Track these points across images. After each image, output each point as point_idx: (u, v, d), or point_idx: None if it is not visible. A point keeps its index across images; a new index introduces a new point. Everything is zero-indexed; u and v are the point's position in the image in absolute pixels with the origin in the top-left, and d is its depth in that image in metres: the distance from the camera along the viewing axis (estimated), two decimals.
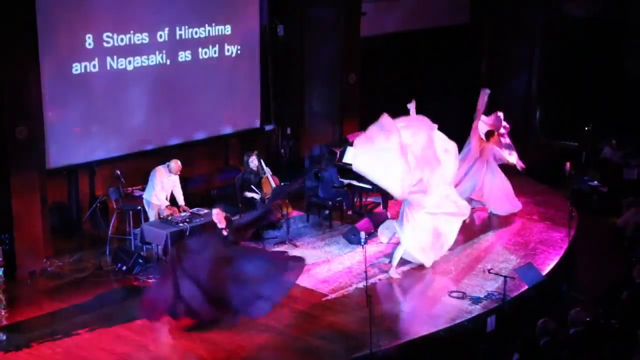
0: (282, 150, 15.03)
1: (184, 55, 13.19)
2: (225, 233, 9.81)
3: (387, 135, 10.55)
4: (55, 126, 11.70)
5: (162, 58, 12.88)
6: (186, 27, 13.12)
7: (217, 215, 9.85)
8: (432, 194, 10.87)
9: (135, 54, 12.53)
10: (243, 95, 14.26)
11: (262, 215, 10.40)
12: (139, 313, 9.69)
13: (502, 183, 13.04)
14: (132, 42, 12.45)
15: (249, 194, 12.16)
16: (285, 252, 10.97)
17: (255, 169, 12.32)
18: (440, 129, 14.13)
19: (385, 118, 10.68)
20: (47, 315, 9.99)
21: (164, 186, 11.52)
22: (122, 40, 12.31)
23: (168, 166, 11.57)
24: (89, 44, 11.93)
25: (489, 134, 13.03)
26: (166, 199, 11.58)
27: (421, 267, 11.20)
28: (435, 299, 10.44)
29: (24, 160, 10.73)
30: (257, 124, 14.63)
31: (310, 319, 9.88)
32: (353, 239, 11.85)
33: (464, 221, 11.58)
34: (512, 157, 13.09)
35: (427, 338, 9.49)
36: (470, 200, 12.65)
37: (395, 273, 10.98)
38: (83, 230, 12.37)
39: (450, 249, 11.72)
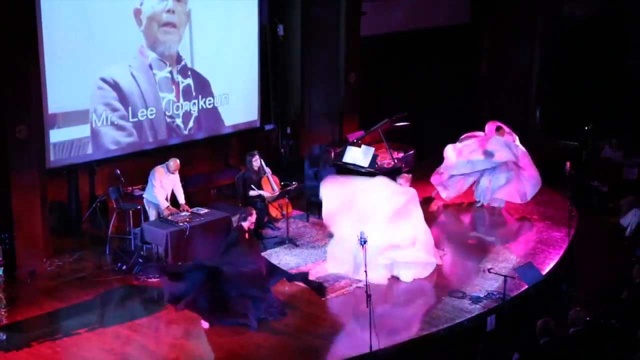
0: (282, 150, 15.04)
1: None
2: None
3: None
4: (56, 125, 11.71)
5: None
6: None
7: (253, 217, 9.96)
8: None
9: (136, 55, 12.55)
10: (243, 95, 14.26)
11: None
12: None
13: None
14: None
15: (254, 193, 12.14)
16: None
17: (257, 169, 12.33)
18: (439, 128, 14.23)
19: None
20: (47, 314, 9.99)
21: (163, 186, 11.52)
22: None
23: (167, 165, 11.57)
24: (89, 44, 11.94)
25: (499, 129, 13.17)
26: (166, 199, 11.58)
27: None
28: (436, 299, 10.44)
29: (24, 160, 10.74)
30: (257, 123, 14.64)
31: (310, 319, 9.88)
32: None
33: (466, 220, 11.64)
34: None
35: (427, 338, 9.50)
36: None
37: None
38: (83, 230, 12.37)
39: (450, 248, 11.76)
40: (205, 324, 9.63)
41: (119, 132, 12.53)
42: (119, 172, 12.11)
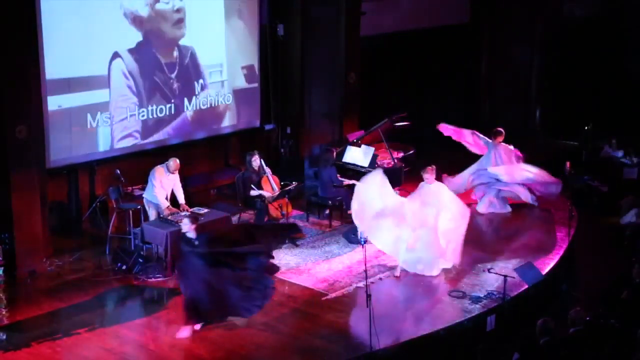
0: (282, 150, 15.04)
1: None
2: (196, 243, 9.49)
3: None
4: (56, 125, 11.71)
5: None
6: None
7: (188, 226, 9.56)
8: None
9: (135, 54, 12.56)
10: (243, 95, 14.26)
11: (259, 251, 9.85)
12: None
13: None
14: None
15: (255, 193, 12.14)
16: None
17: (257, 168, 12.33)
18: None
19: None
20: (47, 314, 9.98)
21: (163, 185, 11.52)
22: None
23: (167, 165, 11.57)
24: (89, 44, 11.95)
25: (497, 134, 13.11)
26: (166, 198, 11.58)
27: None
28: (435, 299, 10.44)
29: (24, 160, 10.73)
30: (257, 123, 14.64)
31: (310, 319, 9.88)
32: (353, 239, 11.86)
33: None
34: None
35: (427, 338, 9.49)
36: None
37: (398, 271, 11.01)
38: (83, 230, 12.36)
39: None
40: (185, 331, 9.48)
41: (119, 130, 12.54)
42: (119, 172, 12.11)
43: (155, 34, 12.74)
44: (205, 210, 11.50)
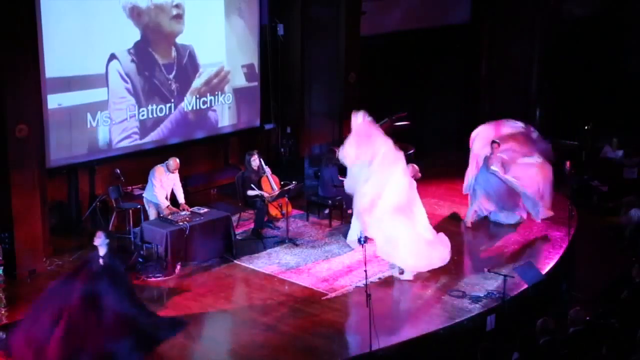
0: (282, 150, 15.05)
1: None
2: (101, 262, 8.82)
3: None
4: (56, 124, 11.71)
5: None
6: None
7: (101, 240, 8.89)
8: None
9: (133, 55, 12.57)
10: (243, 94, 14.27)
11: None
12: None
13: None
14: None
15: (252, 193, 12.15)
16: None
17: (256, 168, 12.34)
18: (439, 128, 14.23)
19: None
20: None
21: (163, 185, 11.52)
22: None
23: (167, 164, 11.57)
24: (89, 43, 11.95)
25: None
26: (166, 198, 11.58)
27: None
28: (435, 299, 10.44)
29: (24, 159, 10.72)
30: (257, 123, 14.64)
31: (310, 319, 9.87)
32: None
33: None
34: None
35: (427, 337, 9.49)
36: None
37: (397, 272, 11.01)
38: (83, 229, 12.36)
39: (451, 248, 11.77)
40: None
41: (118, 130, 12.54)
42: (118, 171, 12.12)
43: (153, 30, 12.73)
44: (205, 210, 11.50)
